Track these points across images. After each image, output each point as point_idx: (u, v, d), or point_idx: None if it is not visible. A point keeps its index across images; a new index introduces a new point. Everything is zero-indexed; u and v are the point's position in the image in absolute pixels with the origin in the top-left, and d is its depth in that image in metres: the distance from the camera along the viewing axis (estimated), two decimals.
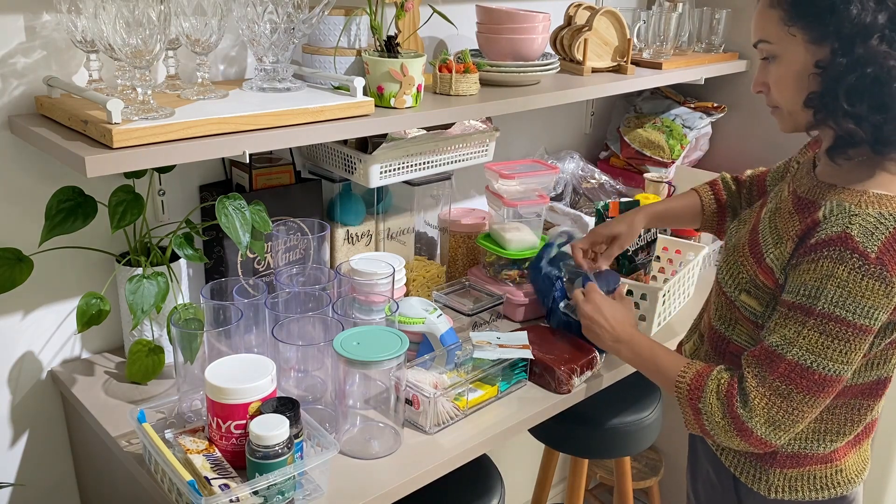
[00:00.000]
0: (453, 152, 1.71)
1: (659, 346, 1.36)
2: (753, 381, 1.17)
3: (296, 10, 1.32)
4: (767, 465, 1.28)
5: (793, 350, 1.14)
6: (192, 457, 1.16)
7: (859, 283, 1.09)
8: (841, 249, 1.10)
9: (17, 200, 1.38)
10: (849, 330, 1.11)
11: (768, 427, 1.16)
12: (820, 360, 1.13)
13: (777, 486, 1.28)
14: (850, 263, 1.09)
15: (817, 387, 1.14)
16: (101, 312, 1.37)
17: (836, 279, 1.10)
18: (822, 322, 1.12)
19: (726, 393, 1.19)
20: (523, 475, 2.59)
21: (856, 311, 1.10)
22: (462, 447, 1.34)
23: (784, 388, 1.14)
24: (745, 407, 1.17)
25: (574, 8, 1.98)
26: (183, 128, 1.16)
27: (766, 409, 1.15)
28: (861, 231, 1.09)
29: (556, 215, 2.13)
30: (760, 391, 1.16)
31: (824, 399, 1.15)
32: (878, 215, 1.10)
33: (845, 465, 1.28)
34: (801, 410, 1.15)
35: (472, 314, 1.65)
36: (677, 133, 2.29)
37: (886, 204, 1.11)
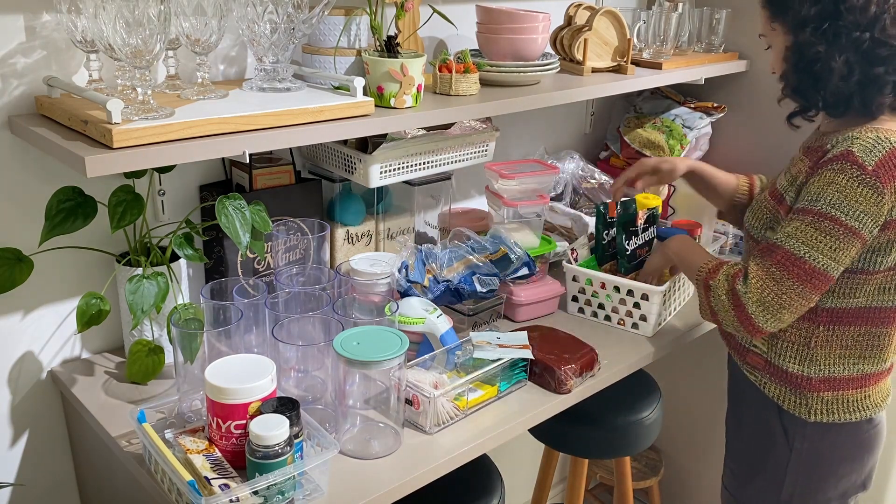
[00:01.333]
0: (453, 152, 1.71)
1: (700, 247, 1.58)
2: (754, 265, 1.37)
3: (296, 10, 1.32)
4: (805, 390, 1.47)
5: (790, 241, 1.35)
6: (192, 457, 1.16)
7: (855, 189, 1.30)
8: (843, 162, 1.32)
9: (17, 200, 1.38)
10: (839, 228, 1.31)
11: (758, 306, 1.35)
12: (812, 252, 1.33)
13: (816, 409, 1.48)
14: (849, 173, 1.30)
15: (807, 276, 1.33)
16: (101, 312, 1.37)
17: (835, 185, 1.31)
18: (817, 219, 1.32)
19: (734, 274, 1.40)
20: (523, 475, 2.59)
21: (848, 213, 1.30)
22: (462, 447, 1.34)
23: (778, 273, 1.34)
24: (744, 284, 1.37)
25: (574, 8, 1.98)
26: (183, 128, 1.16)
27: (759, 289, 1.35)
28: (861, 148, 1.31)
29: (556, 215, 2.13)
30: (759, 273, 1.36)
31: (811, 292, 1.35)
32: (876, 138, 1.32)
33: (872, 392, 1.49)
34: (788, 296, 1.34)
35: (472, 314, 1.65)
36: (677, 133, 2.29)
37: (883, 131, 1.34)
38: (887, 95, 1.35)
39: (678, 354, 2.51)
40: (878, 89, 1.35)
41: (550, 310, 1.82)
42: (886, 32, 1.32)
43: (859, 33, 1.32)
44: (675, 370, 2.61)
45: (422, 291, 1.58)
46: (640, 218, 1.80)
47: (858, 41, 1.33)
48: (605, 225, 1.81)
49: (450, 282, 1.60)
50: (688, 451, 2.66)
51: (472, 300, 1.64)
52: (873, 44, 1.33)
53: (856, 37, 1.32)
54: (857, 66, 1.34)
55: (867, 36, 1.32)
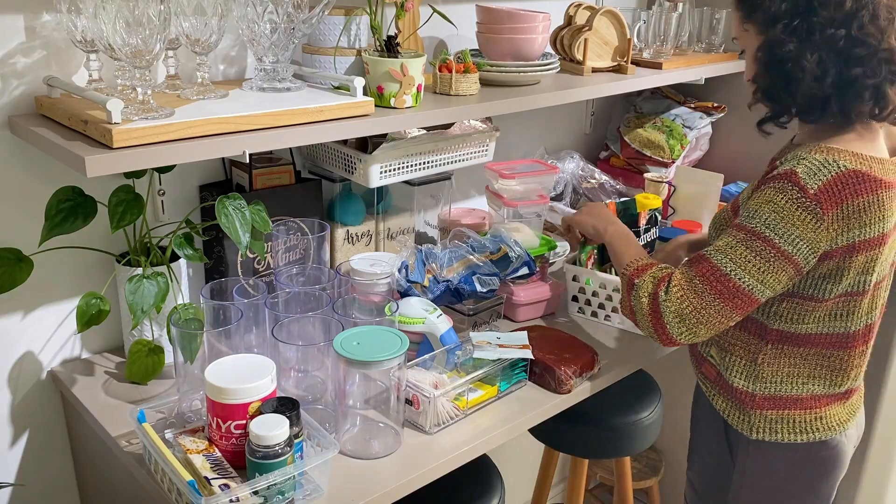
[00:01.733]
0: (453, 152, 1.71)
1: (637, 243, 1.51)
2: (678, 274, 1.32)
3: (296, 10, 1.32)
4: (749, 407, 1.42)
5: (718, 256, 1.29)
6: (192, 457, 1.16)
7: (793, 213, 1.23)
8: (784, 182, 1.25)
9: (17, 200, 1.38)
10: (771, 250, 1.25)
11: (675, 317, 1.30)
12: (738, 270, 1.26)
13: (759, 427, 1.41)
14: (789, 194, 1.24)
15: (729, 294, 1.27)
16: (101, 312, 1.37)
17: (773, 204, 1.25)
18: (750, 237, 1.26)
19: (660, 278, 1.34)
20: (523, 475, 2.59)
21: (782, 236, 1.24)
22: (462, 447, 1.34)
23: (700, 286, 1.29)
24: (665, 292, 1.31)
25: (574, 8, 1.98)
26: (183, 128, 1.16)
27: (679, 299, 1.29)
28: (805, 171, 1.24)
29: (557, 215, 2.13)
30: (681, 283, 1.30)
31: (732, 311, 1.29)
32: (824, 160, 1.24)
33: (826, 414, 1.40)
34: (707, 312, 1.28)
35: (472, 314, 1.65)
36: (677, 133, 2.29)
37: (834, 154, 1.25)
38: (867, 102, 1.26)
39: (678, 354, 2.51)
40: (856, 94, 1.25)
41: (550, 310, 1.82)
42: (864, 31, 1.23)
43: (834, 30, 1.23)
44: (675, 370, 2.61)
45: (422, 291, 1.58)
46: (642, 219, 1.80)
47: (833, 39, 1.23)
48: None
49: (450, 282, 1.60)
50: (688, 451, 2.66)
51: (472, 300, 1.64)
52: (850, 42, 1.23)
53: (830, 34, 1.23)
54: (831, 66, 1.24)
55: (842, 33, 1.23)
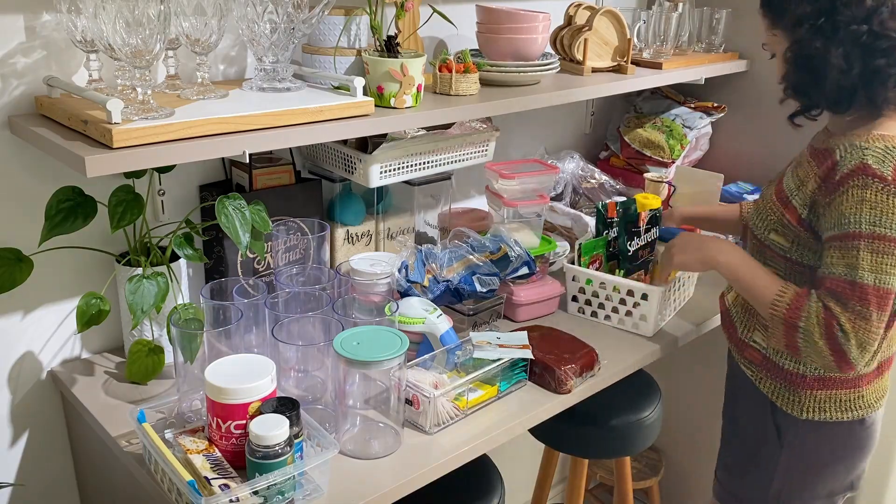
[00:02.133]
0: (453, 152, 1.71)
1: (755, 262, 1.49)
2: (838, 309, 1.32)
3: (296, 10, 1.32)
4: (799, 388, 1.48)
5: (858, 273, 1.31)
6: (192, 457, 1.16)
7: (886, 202, 1.29)
8: (863, 177, 1.30)
9: (17, 200, 1.38)
10: (893, 245, 1.30)
11: (859, 349, 1.32)
12: (880, 276, 1.30)
13: (808, 408, 1.48)
14: (874, 187, 1.30)
15: (884, 301, 1.31)
16: (101, 312, 1.37)
17: (868, 202, 1.30)
18: (870, 242, 1.30)
19: (825, 318, 1.33)
20: (523, 475, 2.59)
21: (892, 226, 1.29)
22: (462, 447, 1.34)
23: (863, 309, 1.31)
24: (843, 333, 1.31)
25: (574, 8, 1.98)
26: (183, 128, 1.16)
27: (856, 332, 1.31)
28: (875, 160, 1.30)
29: (557, 215, 2.13)
30: (849, 317, 1.32)
31: (887, 312, 1.32)
32: (885, 147, 1.31)
33: (866, 392, 1.48)
34: (878, 326, 1.32)
35: (472, 314, 1.65)
36: (677, 133, 2.29)
37: (889, 140, 1.33)
38: (892, 89, 1.35)
39: (678, 354, 2.51)
40: (881, 82, 1.34)
41: (550, 310, 1.82)
42: (885, 25, 1.32)
43: (857, 26, 1.32)
44: (675, 370, 2.61)
45: (422, 291, 1.58)
46: (642, 219, 1.80)
47: (856, 34, 1.32)
48: (605, 225, 1.81)
49: (450, 282, 1.60)
50: (688, 451, 2.66)
51: (472, 300, 1.64)
52: (872, 36, 1.32)
53: (853, 30, 1.32)
54: (856, 59, 1.33)
55: (865, 28, 1.32)
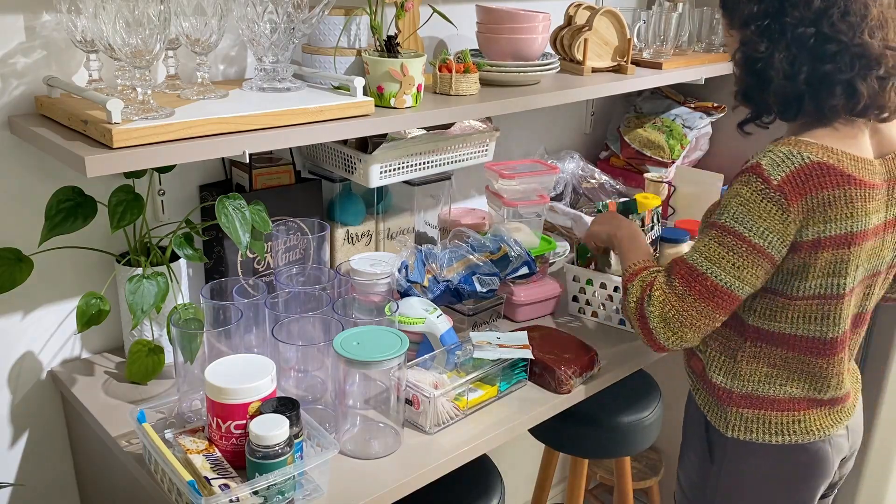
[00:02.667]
0: (453, 152, 1.71)
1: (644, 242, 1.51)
2: (661, 279, 1.33)
3: (296, 10, 1.32)
4: (725, 403, 1.41)
5: (694, 256, 1.30)
6: (192, 457, 1.16)
7: (758, 204, 1.24)
8: (749, 174, 1.26)
9: (17, 200, 1.38)
10: (742, 245, 1.26)
11: (660, 321, 1.31)
12: (713, 267, 1.28)
13: (734, 425, 1.40)
14: (753, 185, 1.25)
15: (709, 294, 1.28)
16: (101, 312, 1.37)
17: (739, 198, 1.26)
18: (721, 234, 1.28)
19: (648, 283, 1.35)
20: (523, 475, 2.59)
21: (751, 229, 1.25)
22: (462, 447, 1.34)
23: (681, 289, 1.30)
24: (649, 299, 1.33)
25: (574, 8, 1.98)
26: (183, 128, 1.16)
27: (662, 304, 1.31)
28: (769, 162, 1.25)
29: (556, 215, 2.13)
30: (664, 288, 1.32)
31: (714, 311, 1.29)
32: (787, 152, 1.25)
33: (805, 418, 1.38)
34: (690, 314, 1.29)
35: (472, 314, 1.65)
36: (677, 133, 2.29)
37: (801, 146, 1.26)
38: (839, 97, 1.26)
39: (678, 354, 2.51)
40: (827, 89, 1.26)
41: (550, 310, 1.82)
42: (835, 27, 1.24)
43: (804, 28, 1.25)
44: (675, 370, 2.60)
45: (422, 291, 1.58)
46: (647, 218, 1.78)
47: (803, 37, 1.25)
48: None
49: (450, 282, 1.60)
50: None
51: (472, 300, 1.64)
52: (820, 39, 1.25)
53: (800, 33, 1.25)
54: (803, 63, 1.26)
55: (812, 31, 1.25)
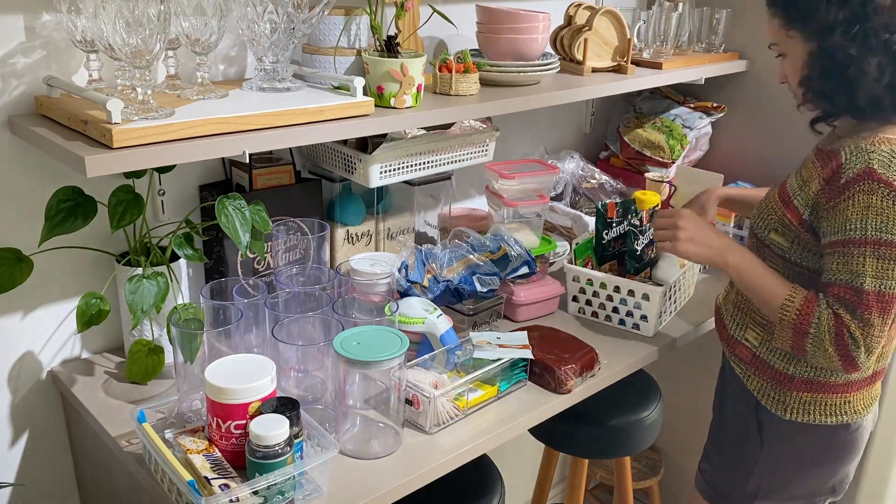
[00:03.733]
0: (453, 152, 1.71)
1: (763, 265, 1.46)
2: (848, 317, 1.32)
3: (296, 10, 1.32)
4: (786, 388, 1.48)
5: (864, 280, 1.31)
6: (192, 457, 1.16)
7: (892, 208, 1.28)
8: (869, 182, 1.29)
9: (17, 200, 1.38)
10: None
11: (867, 354, 1.32)
12: (885, 281, 1.30)
13: (793, 408, 1.47)
14: (880, 192, 1.28)
15: (889, 306, 1.31)
16: (101, 312, 1.37)
17: (873, 208, 1.29)
18: (875, 248, 1.30)
19: (835, 326, 1.33)
20: (523, 475, 2.59)
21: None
22: (462, 447, 1.34)
23: (869, 316, 1.31)
24: (853, 340, 1.31)
25: (574, 8, 1.98)
26: (183, 128, 1.16)
27: (865, 338, 1.31)
28: (881, 164, 1.29)
29: (557, 215, 2.13)
30: (857, 324, 1.31)
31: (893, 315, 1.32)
32: (891, 151, 1.30)
33: (854, 398, 1.47)
34: (882, 330, 1.32)
35: (472, 314, 1.65)
36: (677, 133, 2.29)
37: (894, 143, 1.31)
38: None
39: (678, 354, 2.51)
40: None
41: (550, 310, 1.82)
42: None
43: (889, 35, 1.31)
44: (675, 370, 2.61)
45: (422, 291, 1.58)
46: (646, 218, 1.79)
47: (889, 42, 1.31)
48: (605, 225, 1.81)
49: (450, 282, 1.60)
50: (688, 451, 2.66)
51: (472, 300, 1.64)
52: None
53: (886, 38, 1.31)
54: (888, 67, 1.32)
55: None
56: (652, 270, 1.83)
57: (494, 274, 1.62)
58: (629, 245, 1.80)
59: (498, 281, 1.62)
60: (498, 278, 1.63)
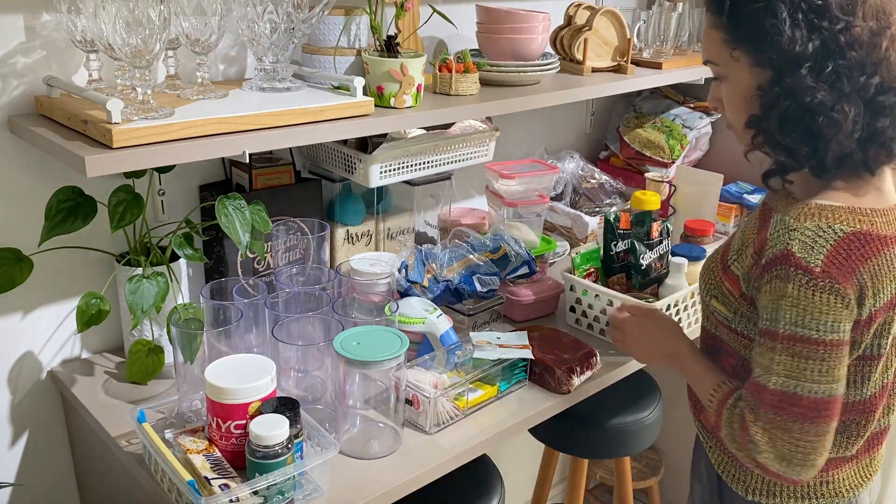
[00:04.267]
0: (453, 152, 1.71)
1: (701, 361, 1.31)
2: (751, 416, 1.12)
3: (296, 10, 1.32)
4: (745, 466, 1.25)
5: (772, 378, 1.10)
6: (192, 457, 1.16)
7: (812, 299, 1.06)
8: (785, 267, 1.08)
9: (17, 200, 1.38)
10: (818, 348, 1.07)
11: (781, 462, 1.10)
12: (801, 383, 1.08)
13: (756, 489, 1.26)
14: (796, 280, 1.07)
15: (811, 412, 1.08)
16: (101, 312, 1.37)
17: (788, 298, 1.07)
18: (788, 345, 1.08)
19: (740, 430, 1.14)
20: (523, 475, 2.59)
21: (818, 328, 1.07)
22: (462, 447, 1.34)
23: (778, 419, 1.09)
24: (752, 443, 1.12)
25: (574, 8, 1.98)
26: (183, 128, 1.16)
27: (770, 443, 1.10)
28: (801, 246, 1.07)
29: (557, 215, 2.13)
30: (759, 426, 1.11)
31: (825, 422, 1.09)
32: (816, 228, 1.07)
33: (834, 478, 1.24)
34: (805, 440, 1.09)
35: (472, 314, 1.65)
36: (677, 133, 2.29)
37: (827, 216, 1.08)
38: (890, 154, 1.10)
39: None
40: (879, 146, 1.09)
41: (551, 310, 1.82)
42: (892, 74, 1.07)
43: (866, 77, 1.05)
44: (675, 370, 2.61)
45: (422, 291, 1.58)
46: (654, 230, 1.75)
47: (865, 88, 1.06)
48: (614, 236, 1.75)
49: (450, 282, 1.60)
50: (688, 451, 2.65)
51: (472, 300, 1.64)
52: (878, 91, 1.07)
53: (862, 82, 1.06)
54: (861, 119, 1.06)
55: (876, 81, 1.06)
56: (660, 288, 1.76)
57: (494, 274, 1.62)
58: (634, 258, 1.74)
59: (498, 281, 1.62)
60: (498, 278, 1.63)
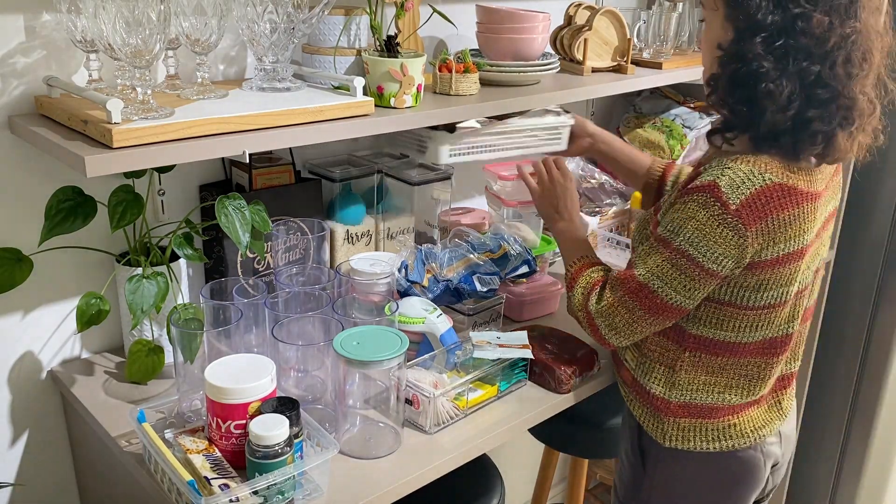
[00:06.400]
0: (526, 138, 1.71)
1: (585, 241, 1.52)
2: (609, 290, 1.33)
3: (296, 10, 1.32)
4: (663, 413, 1.39)
5: (644, 274, 1.28)
6: (192, 457, 1.16)
7: (715, 230, 1.19)
8: (706, 196, 1.20)
9: (17, 200, 1.38)
10: (696, 269, 1.23)
11: (609, 329, 1.34)
12: (665, 287, 1.26)
13: (671, 435, 1.39)
14: (711, 210, 1.19)
15: (657, 309, 1.28)
16: (101, 312, 1.37)
17: (696, 221, 1.21)
18: (675, 256, 1.24)
19: (590, 288, 1.37)
20: (523, 475, 2.59)
21: (706, 255, 1.21)
22: (462, 447, 1.34)
23: (630, 302, 1.30)
24: (597, 304, 1.34)
25: (574, 8, 1.98)
26: (183, 128, 1.16)
27: (611, 315, 1.32)
28: (728, 183, 1.18)
29: None
30: (611, 300, 1.32)
31: (662, 321, 1.31)
32: (749, 171, 1.19)
33: (740, 420, 1.37)
34: (639, 324, 1.31)
35: (472, 314, 1.65)
36: (677, 133, 2.29)
37: (760, 165, 1.19)
38: (818, 146, 1.20)
39: None
40: (809, 136, 1.19)
41: (551, 309, 1.82)
42: (833, 71, 1.16)
43: (808, 64, 1.15)
44: None
45: (422, 291, 1.58)
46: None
47: (805, 73, 1.15)
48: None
49: (450, 281, 1.60)
50: None
51: (472, 300, 1.64)
52: (817, 81, 1.16)
53: (804, 67, 1.15)
54: (795, 101, 1.16)
55: (816, 70, 1.15)
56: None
57: (494, 273, 1.62)
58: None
59: (498, 280, 1.62)
60: (498, 278, 1.63)
